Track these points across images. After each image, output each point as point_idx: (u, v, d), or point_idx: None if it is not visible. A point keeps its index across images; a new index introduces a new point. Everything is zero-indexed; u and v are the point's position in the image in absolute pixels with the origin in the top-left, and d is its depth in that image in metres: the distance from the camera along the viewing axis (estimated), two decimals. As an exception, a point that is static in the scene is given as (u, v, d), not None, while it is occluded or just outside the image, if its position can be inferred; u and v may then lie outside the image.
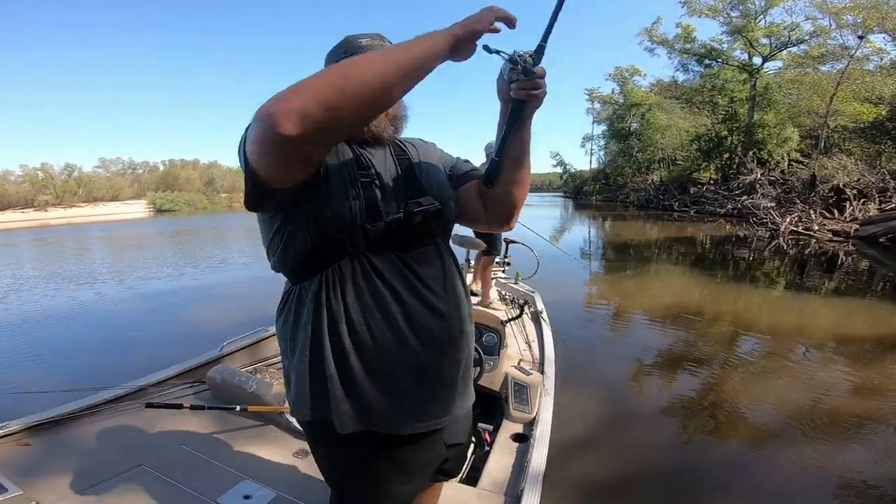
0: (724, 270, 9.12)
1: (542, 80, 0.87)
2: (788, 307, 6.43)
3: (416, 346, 0.92)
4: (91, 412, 2.07)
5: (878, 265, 9.37)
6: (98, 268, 10.80)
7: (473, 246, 3.87)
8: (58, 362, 4.46)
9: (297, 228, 0.89)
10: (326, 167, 0.87)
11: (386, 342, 0.90)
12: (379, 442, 0.93)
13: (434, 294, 0.95)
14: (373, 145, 0.98)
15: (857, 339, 4.93)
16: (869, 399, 3.50)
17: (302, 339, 0.92)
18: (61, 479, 1.66)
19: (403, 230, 0.92)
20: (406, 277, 0.92)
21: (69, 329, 5.71)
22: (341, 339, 0.89)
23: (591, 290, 7.89)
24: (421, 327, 0.92)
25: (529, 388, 2.28)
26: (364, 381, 0.90)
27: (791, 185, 17.92)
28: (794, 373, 4.04)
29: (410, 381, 0.93)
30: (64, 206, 46.36)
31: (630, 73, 36.55)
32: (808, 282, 7.77)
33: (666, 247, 12.69)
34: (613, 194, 36.67)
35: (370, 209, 0.90)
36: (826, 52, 20.43)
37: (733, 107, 24.17)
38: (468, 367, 1.05)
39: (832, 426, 3.11)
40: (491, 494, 1.73)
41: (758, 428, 3.13)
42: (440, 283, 0.96)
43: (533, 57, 0.84)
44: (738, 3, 23.08)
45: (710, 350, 4.60)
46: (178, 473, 1.71)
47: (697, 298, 6.88)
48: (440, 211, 0.96)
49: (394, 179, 0.97)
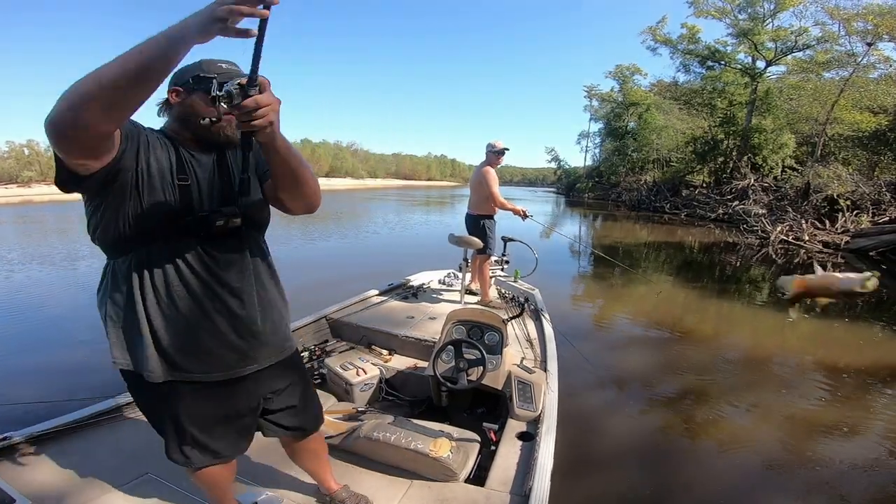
0: (711, 279, 8.88)
1: (263, 110, 0.91)
2: (768, 322, 6.07)
3: (211, 311, 1.17)
4: (95, 421, 2.03)
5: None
6: (86, 261, 8.99)
7: (469, 245, 3.98)
8: (58, 369, 3.91)
9: (119, 215, 1.07)
10: (148, 169, 1.08)
11: (187, 309, 1.14)
12: (185, 388, 1.19)
13: (228, 273, 1.19)
14: (201, 151, 1.20)
15: (839, 363, 4.48)
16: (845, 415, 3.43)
17: (122, 306, 1.13)
18: (68, 488, 1.65)
19: (206, 228, 1.13)
20: (205, 262, 1.15)
21: (67, 332, 4.84)
22: (151, 306, 1.12)
23: (579, 291, 7.89)
24: (217, 298, 1.17)
25: (533, 385, 2.30)
26: (168, 339, 1.14)
27: (784, 193, 17.46)
28: (769, 382, 4.03)
29: (207, 339, 1.17)
30: (48, 183, 45.56)
31: (631, 72, 36.12)
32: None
33: (654, 250, 12.31)
34: (606, 193, 36.31)
35: (184, 207, 1.11)
36: (832, 58, 19.92)
37: (732, 110, 23.79)
38: (267, 324, 1.28)
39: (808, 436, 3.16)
40: (499, 494, 1.73)
41: (754, 425, 3.28)
42: (238, 265, 1.21)
43: (243, 87, 0.89)
44: (747, 6, 22.46)
45: (700, 353, 4.68)
46: (185, 481, 1.65)
47: (682, 304, 6.87)
48: (242, 215, 1.18)
49: (209, 183, 1.18)
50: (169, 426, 1.25)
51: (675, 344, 4.98)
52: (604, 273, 9.13)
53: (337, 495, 1.66)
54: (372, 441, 1.84)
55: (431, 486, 1.76)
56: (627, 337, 5.31)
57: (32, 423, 1.94)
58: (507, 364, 2.48)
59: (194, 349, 1.17)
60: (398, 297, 4.05)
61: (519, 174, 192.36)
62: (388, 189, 61.39)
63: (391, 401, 2.67)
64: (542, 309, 3.65)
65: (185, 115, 1.17)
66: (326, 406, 2.38)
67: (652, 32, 26.56)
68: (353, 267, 8.15)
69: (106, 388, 2.38)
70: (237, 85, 0.89)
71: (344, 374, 2.57)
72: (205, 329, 1.17)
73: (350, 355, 2.84)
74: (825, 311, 6.36)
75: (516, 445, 2.04)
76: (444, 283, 4.63)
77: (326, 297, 3.72)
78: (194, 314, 1.15)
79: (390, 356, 2.94)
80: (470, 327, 2.66)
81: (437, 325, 3.17)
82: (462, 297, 4.07)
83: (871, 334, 5.45)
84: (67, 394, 2.70)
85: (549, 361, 2.71)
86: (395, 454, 1.82)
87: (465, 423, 2.19)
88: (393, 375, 2.74)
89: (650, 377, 4.08)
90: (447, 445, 1.78)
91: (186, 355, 1.16)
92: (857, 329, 5.76)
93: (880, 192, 14.17)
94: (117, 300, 1.14)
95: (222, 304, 1.19)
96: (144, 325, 1.12)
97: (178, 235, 1.12)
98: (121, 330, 1.15)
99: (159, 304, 1.13)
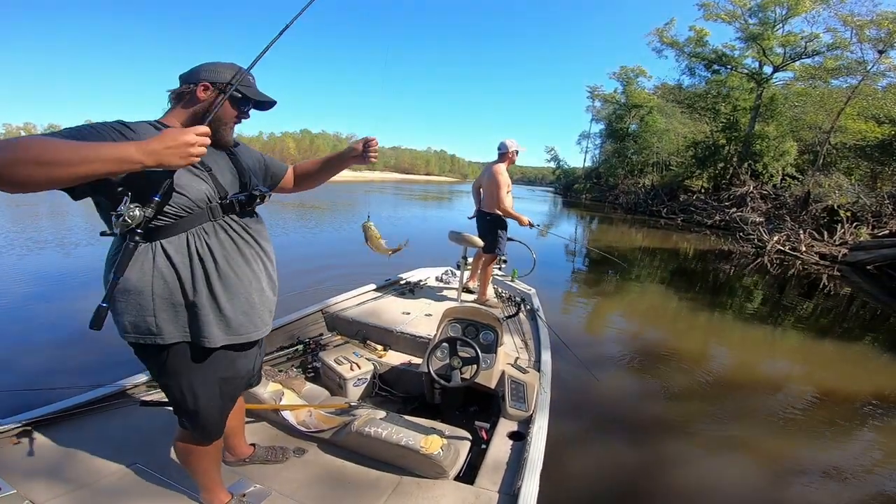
0: (704, 289, 8.73)
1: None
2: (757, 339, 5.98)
3: (259, 272, 1.36)
4: (84, 410, 2.01)
5: (868, 299, 8.60)
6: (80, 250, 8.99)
7: (470, 243, 3.93)
8: (46, 356, 3.84)
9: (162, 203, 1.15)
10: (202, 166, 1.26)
11: (242, 273, 1.30)
12: (231, 352, 1.34)
13: (262, 239, 1.40)
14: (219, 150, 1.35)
15: (830, 386, 4.45)
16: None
17: (177, 280, 1.20)
18: (55, 477, 1.64)
19: (250, 202, 1.33)
20: (249, 231, 1.34)
21: (54, 318, 4.70)
22: (211, 273, 1.23)
23: (575, 292, 7.83)
24: (260, 259, 1.37)
25: (526, 385, 2.30)
26: (228, 302, 1.27)
27: (783, 201, 17.33)
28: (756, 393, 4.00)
29: (257, 297, 1.35)
30: None
31: (635, 74, 35.94)
32: (781, 314, 7.30)
33: (649, 255, 12.22)
34: (603, 195, 36.22)
35: (219, 189, 1.27)
36: (841, 65, 19.77)
37: (735, 115, 23.65)
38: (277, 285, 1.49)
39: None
40: (488, 492, 1.73)
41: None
42: (264, 233, 1.42)
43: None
44: (758, 10, 22.27)
45: (693, 357, 4.73)
46: (173, 472, 1.68)
47: (674, 308, 6.92)
48: (264, 195, 1.38)
49: (227, 170, 1.34)
50: (211, 393, 1.34)
51: (671, 347, 4.98)
52: (600, 274, 9.14)
53: (257, 456, 1.83)
54: (363, 436, 1.84)
55: (421, 482, 1.76)
56: (622, 340, 5.32)
57: (18, 411, 1.91)
58: (501, 363, 2.48)
59: (248, 308, 1.31)
60: (395, 292, 4.05)
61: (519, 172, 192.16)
62: (386, 182, 61.24)
63: (384, 396, 2.68)
64: (538, 309, 3.65)
65: (205, 112, 1.22)
66: (319, 400, 2.38)
67: (659, 34, 26.45)
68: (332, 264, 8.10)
69: (94, 376, 2.36)
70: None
71: (338, 368, 2.57)
72: (255, 289, 1.33)
73: (345, 350, 2.84)
74: (818, 327, 6.44)
75: (507, 444, 2.04)
76: (441, 281, 4.62)
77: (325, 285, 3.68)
78: (247, 276, 1.31)
79: (385, 352, 2.94)
80: (465, 325, 2.66)
81: (432, 322, 3.17)
82: (459, 295, 4.07)
83: (857, 345, 5.49)
84: (55, 382, 2.66)
85: (542, 362, 2.71)
86: (386, 450, 1.82)
87: (457, 421, 2.19)
88: (387, 371, 2.74)
89: (644, 380, 4.10)
90: (438, 442, 1.77)
91: (243, 314, 1.30)
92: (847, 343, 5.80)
93: (882, 203, 13.89)
94: (167, 276, 1.18)
95: (262, 266, 1.37)
96: (205, 293, 1.22)
97: (222, 212, 1.26)
98: (175, 304, 1.20)
99: (218, 271, 1.24)
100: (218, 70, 1.25)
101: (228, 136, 1.33)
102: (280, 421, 2.09)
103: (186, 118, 1.24)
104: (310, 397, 2.37)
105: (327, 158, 1.62)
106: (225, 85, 1.23)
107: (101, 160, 0.94)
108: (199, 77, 1.23)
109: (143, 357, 1.29)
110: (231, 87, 1.22)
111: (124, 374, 2.29)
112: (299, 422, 2.05)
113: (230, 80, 1.24)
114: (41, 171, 0.90)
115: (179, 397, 1.31)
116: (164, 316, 1.19)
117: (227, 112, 1.27)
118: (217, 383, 1.34)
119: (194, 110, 1.23)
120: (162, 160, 1.00)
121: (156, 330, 1.19)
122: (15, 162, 0.88)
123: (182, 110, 1.24)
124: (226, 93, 1.22)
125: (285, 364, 2.77)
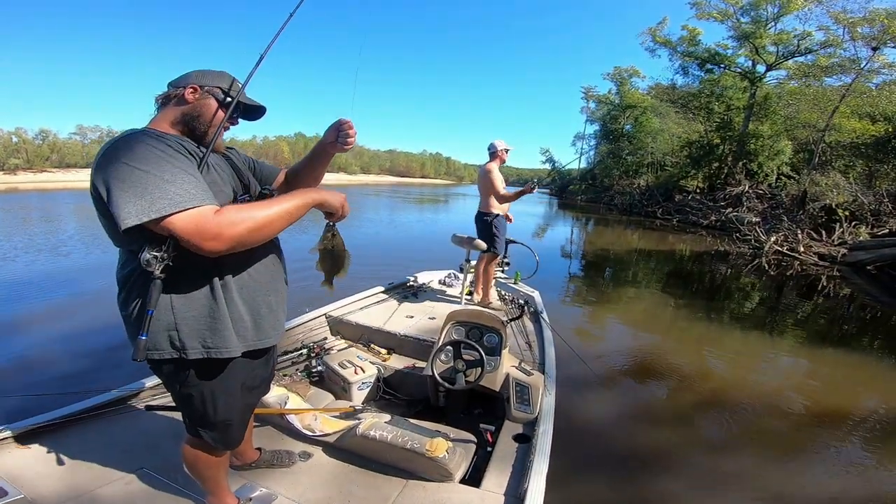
0: (701, 292, 8.69)
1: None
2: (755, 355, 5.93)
3: (278, 277, 1.38)
4: (91, 415, 2.00)
5: (870, 300, 8.45)
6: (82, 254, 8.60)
7: (474, 246, 3.97)
8: (54, 361, 3.83)
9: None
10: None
11: (265, 278, 1.32)
12: (249, 359, 1.31)
13: (277, 243, 1.43)
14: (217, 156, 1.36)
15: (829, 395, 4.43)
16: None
17: (201, 293, 1.19)
18: (62, 482, 1.65)
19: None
20: None
21: (62, 325, 4.70)
22: (237, 281, 1.24)
23: (576, 293, 7.86)
24: (279, 264, 1.41)
25: (531, 388, 2.30)
26: (253, 309, 1.28)
27: (779, 201, 17.27)
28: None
29: (275, 303, 1.36)
30: (34, 171, 44.51)
31: (629, 74, 36.14)
32: (781, 318, 7.34)
33: (644, 257, 12.18)
34: (598, 195, 36.20)
35: (244, 188, 1.37)
36: (835, 63, 19.77)
37: (729, 114, 23.69)
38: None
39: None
40: (494, 495, 1.73)
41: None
42: (275, 240, 1.42)
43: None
44: (750, 9, 22.32)
45: (698, 361, 4.70)
46: (180, 476, 1.66)
47: (672, 310, 6.90)
48: (272, 193, 1.38)
49: (230, 175, 1.35)
50: (233, 402, 1.33)
51: (674, 348, 5.00)
52: (598, 276, 9.17)
53: (263, 460, 1.84)
54: (368, 440, 1.84)
55: (427, 486, 1.77)
56: (626, 341, 5.31)
57: (26, 416, 1.91)
58: (506, 366, 2.47)
59: (269, 313, 1.32)
60: (398, 296, 4.05)
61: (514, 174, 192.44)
62: (381, 185, 61.14)
63: (388, 400, 2.67)
64: (542, 311, 3.64)
65: (195, 114, 1.25)
66: (324, 404, 2.38)
67: (651, 33, 26.42)
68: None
69: (100, 381, 2.36)
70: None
71: (342, 372, 2.57)
72: (275, 292, 1.35)
73: (349, 353, 2.84)
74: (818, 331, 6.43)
75: (512, 447, 2.04)
76: (444, 284, 4.63)
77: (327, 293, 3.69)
78: (265, 279, 1.31)
79: (389, 355, 2.94)
80: (469, 328, 2.66)
81: (436, 326, 3.18)
82: (462, 298, 4.07)
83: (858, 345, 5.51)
84: (61, 387, 2.66)
85: (547, 364, 2.71)
86: (391, 453, 1.83)
87: (462, 424, 2.19)
88: (391, 374, 2.74)
89: (649, 383, 4.10)
90: (443, 446, 1.77)
91: (265, 319, 1.30)
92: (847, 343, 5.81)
93: (881, 202, 13.55)
94: (192, 292, 1.17)
95: (280, 271, 1.40)
96: (224, 303, 1.20)
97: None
98: (196, 317, 1.18)
99: (236, 278, 1.23)
100: (206, 74, 1.28)
101: (220, 139, 1.32)
102: (285, 425, 2.09)
103: (175, 119, 1.24)
104: (314, 401, 2.38)
105: (312, 151, 1.61)
106: (213, 88, 1.27)
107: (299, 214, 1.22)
108: (188, 80, 1.25)
109: (161, 372, 1.26)
110: (239, 92, 1.28)
111: (130, 378, 2.29)
112: (304, 426, 2.05)
113: (219, 84, 1.28)
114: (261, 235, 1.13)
115: (202, 409, 1.29)
116: (186, 331, 1.17)
117: (218, 115, 1.28)
118: (239, 392, 1.34)
119: (182, 111, 1.24)
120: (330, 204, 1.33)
121: (179, 345, 1.17)
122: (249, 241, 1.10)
123: (170, 111, 1.24)
124: (225, 99, 1.28)
125: (290, 368, 2.77)
